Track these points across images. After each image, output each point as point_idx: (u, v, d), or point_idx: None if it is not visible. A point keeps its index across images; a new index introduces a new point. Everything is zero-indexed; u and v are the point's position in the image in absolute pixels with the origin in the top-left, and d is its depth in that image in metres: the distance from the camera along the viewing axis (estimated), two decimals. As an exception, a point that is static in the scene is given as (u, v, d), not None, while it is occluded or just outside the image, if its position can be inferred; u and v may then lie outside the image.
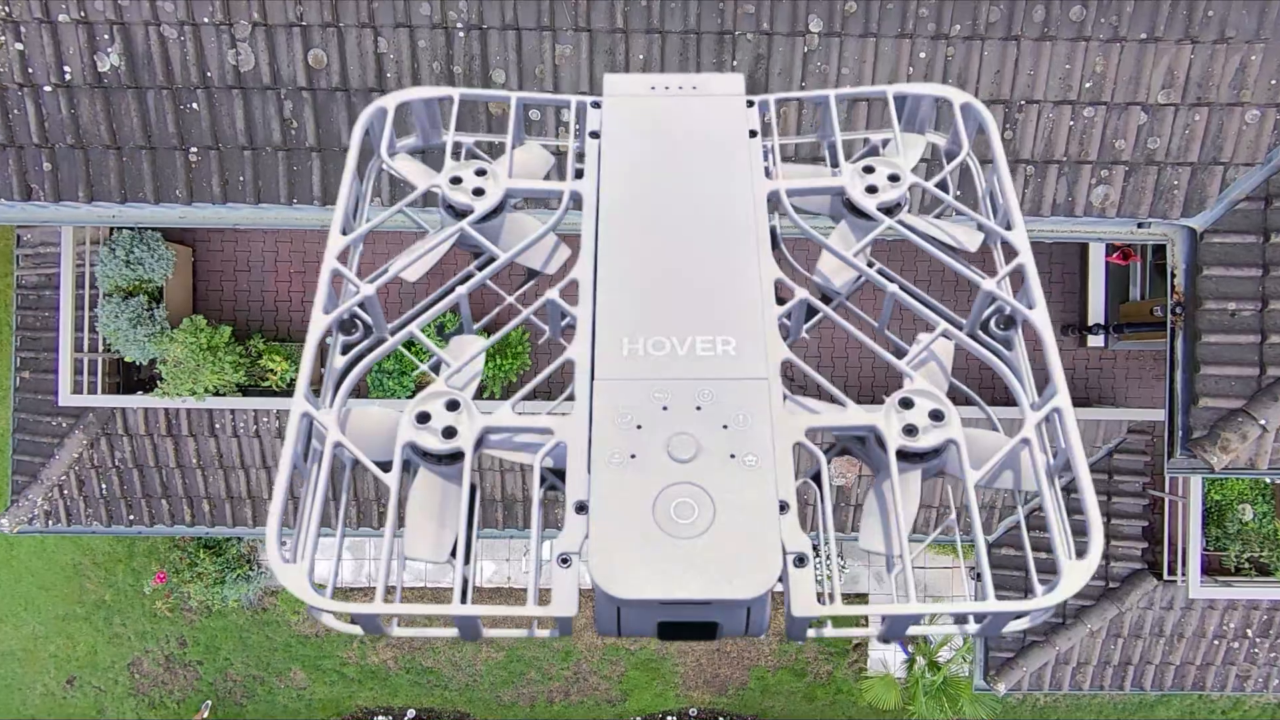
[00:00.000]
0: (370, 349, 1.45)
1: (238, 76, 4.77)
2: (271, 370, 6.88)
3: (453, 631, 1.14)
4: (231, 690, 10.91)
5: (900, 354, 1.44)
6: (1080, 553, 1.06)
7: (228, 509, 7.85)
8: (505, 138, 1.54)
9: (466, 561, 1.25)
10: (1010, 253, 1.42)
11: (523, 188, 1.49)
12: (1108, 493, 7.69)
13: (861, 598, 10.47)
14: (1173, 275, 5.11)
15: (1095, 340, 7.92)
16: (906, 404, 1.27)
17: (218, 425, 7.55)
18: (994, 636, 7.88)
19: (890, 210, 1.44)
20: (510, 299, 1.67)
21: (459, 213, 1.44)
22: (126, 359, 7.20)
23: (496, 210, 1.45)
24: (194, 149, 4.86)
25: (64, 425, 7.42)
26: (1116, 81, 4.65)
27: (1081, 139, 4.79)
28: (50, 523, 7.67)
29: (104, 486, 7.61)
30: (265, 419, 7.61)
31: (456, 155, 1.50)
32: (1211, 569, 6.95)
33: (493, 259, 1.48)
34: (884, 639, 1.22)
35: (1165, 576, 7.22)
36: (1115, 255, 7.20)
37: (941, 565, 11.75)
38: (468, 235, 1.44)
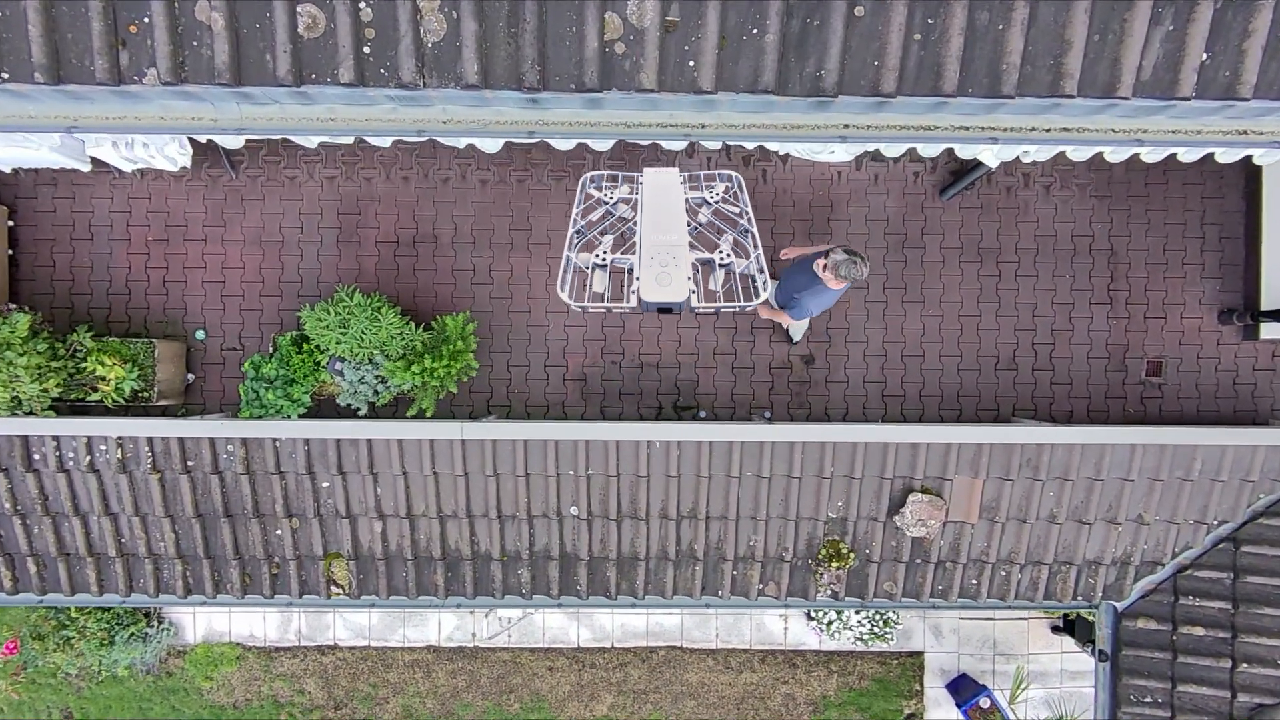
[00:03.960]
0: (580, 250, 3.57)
1: None
2: (102, 379, 4.56)
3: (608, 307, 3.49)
4: (126, 776, 8.87)
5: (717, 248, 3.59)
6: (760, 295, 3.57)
7: (62, 570, 5.69)
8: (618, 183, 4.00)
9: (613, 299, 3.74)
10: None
11: (622, 197, 3.87)
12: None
13: (916, 655, 8.85)
14: None
15: (1276, 330, 5.55)
16: (724, 255, 3.42)
17: (36, 456, 5.34)
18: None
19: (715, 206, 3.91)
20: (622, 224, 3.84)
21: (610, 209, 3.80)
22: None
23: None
24: None
25: None
26: None
27: None
28: None
29: (-121, 541, 5.38)
30: (103, 447, 5.35)
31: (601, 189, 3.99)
32: None
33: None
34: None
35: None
36: (1322, 206, 4.84)
37: (1015, 617, 9.74)
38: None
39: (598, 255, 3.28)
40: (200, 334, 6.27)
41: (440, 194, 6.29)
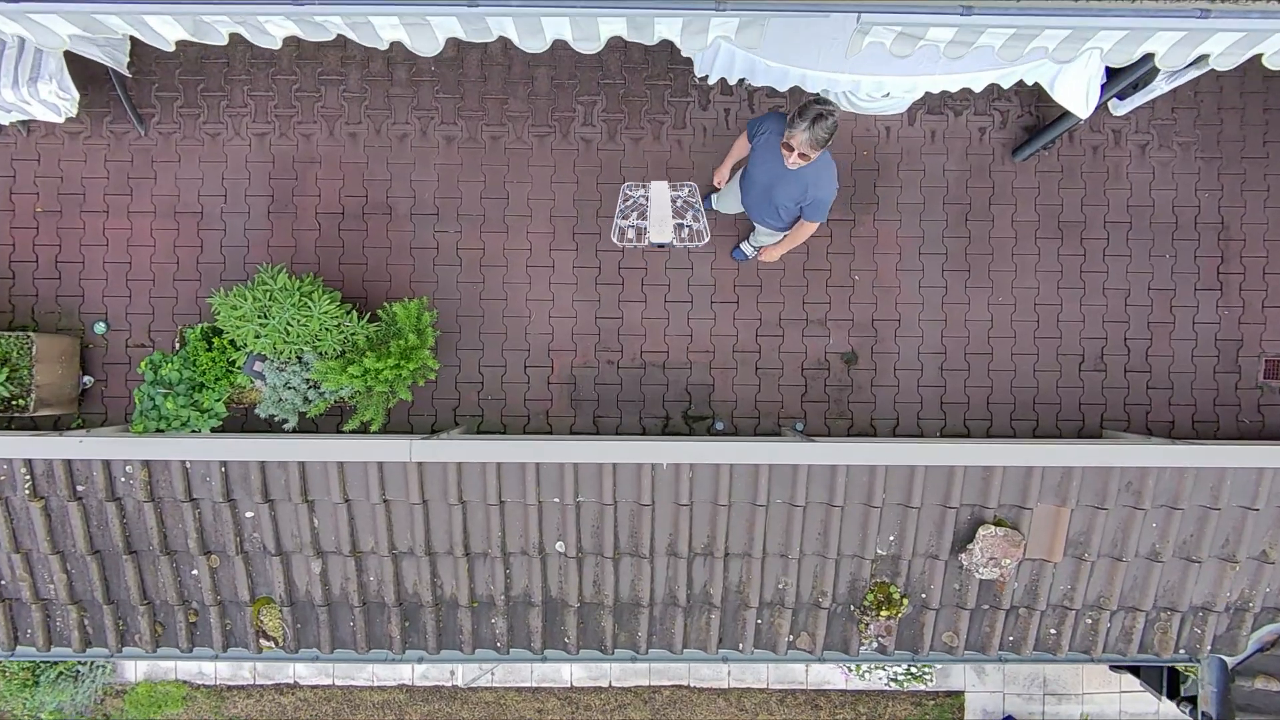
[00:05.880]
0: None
1: None
2: (-39, 384, 3.49)
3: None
4: (56, 834, 8.85)
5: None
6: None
7: (-68, 619, 4.74)
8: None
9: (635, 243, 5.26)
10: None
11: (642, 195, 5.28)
12: None
13: (955, 695, 8.29)
14: None
15: None
16: (686, 221, 5.07)
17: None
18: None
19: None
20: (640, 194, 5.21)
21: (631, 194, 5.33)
22: None
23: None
24: None
25: None
26: None
27: None
28: None
29: None
30: (-29, 469, 4.46)
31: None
32: None
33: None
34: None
35: None
36: None
37: (1071, 660, 9.15)
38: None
39: (630, 221, 4.91)
40: (100, 327, 5.49)
41: (396, 154, 5.60)
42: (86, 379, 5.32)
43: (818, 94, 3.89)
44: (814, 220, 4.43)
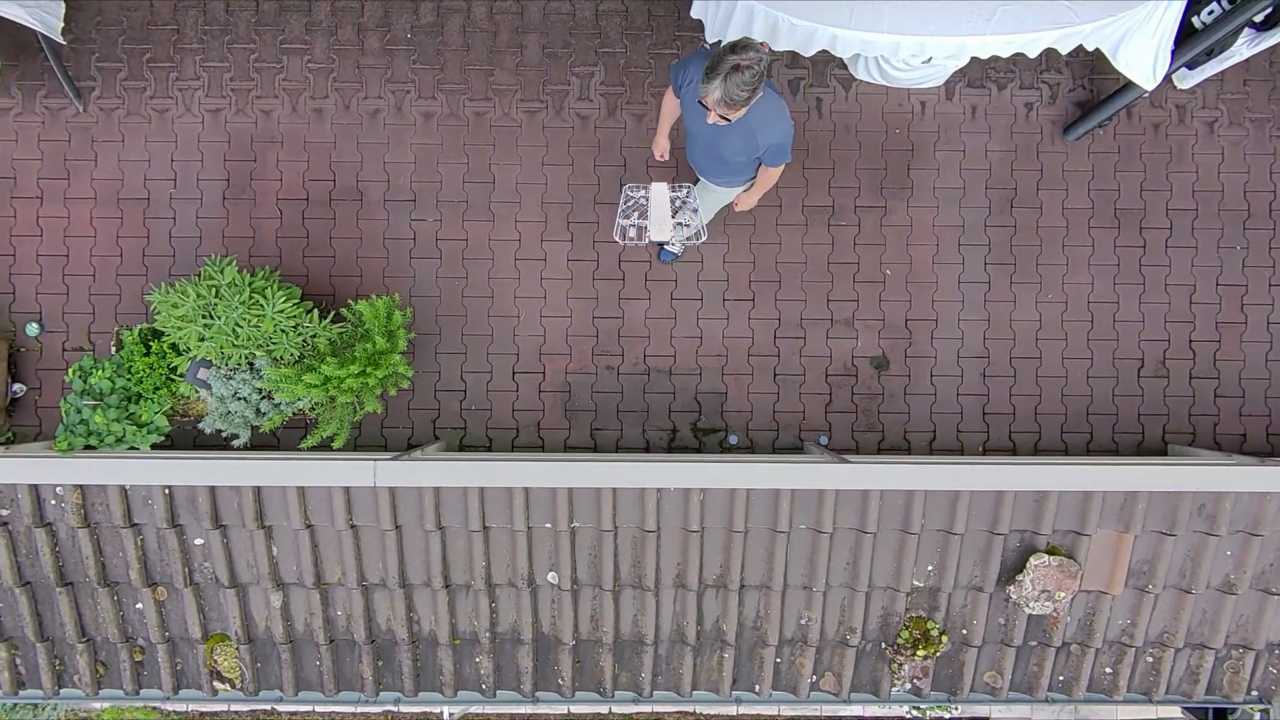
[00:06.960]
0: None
1: None
2: None
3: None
4: None
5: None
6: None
7: None
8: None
9: (637, 240, 4.88)
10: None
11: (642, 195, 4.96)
12: None
13: None
14: None
15: None
16: (684, 220, 4.89)
17: None
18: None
19: None
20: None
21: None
22: None
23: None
24: None
25: None
26: None
27: None
28: None
29: None
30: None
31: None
32: None
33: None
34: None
35: None
36: None
37: (1129, 702, 9.11)
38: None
39: (632, 220, 4.85)
40: (33, 328, 5.13)
41: (367, 132, 5.30)
42: (17, 387, 4.98)
43: (738, 40, 3.38)
44: (777, 165, 4.07)
